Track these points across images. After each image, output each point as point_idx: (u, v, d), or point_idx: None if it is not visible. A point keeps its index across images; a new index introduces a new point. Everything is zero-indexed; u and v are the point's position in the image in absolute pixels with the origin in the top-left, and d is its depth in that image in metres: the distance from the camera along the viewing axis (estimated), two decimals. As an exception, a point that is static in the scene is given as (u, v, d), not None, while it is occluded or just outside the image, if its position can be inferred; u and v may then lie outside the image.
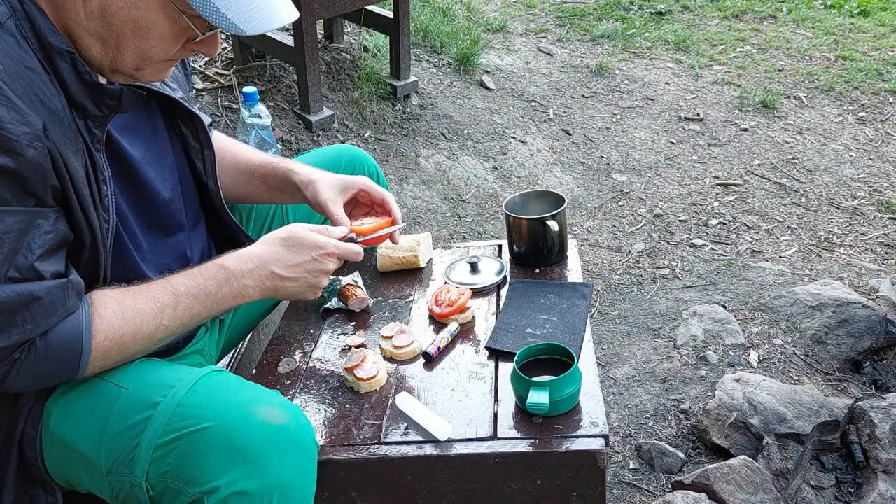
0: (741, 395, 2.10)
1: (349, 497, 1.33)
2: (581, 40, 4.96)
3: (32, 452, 1.25)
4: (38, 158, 1.06)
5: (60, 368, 1.16)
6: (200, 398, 1.17)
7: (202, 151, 1.47)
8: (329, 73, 3.66)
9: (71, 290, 1.15)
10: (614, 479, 2.03)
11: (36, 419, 1.25)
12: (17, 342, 1.09)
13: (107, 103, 1.18)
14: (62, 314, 1.13)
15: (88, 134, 1.17)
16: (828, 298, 2.52)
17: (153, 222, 1.38)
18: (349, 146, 1.90)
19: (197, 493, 1.12)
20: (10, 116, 1.03)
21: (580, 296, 1.67)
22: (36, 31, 1.09)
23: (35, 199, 1.08)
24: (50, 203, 1.11)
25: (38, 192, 1.08)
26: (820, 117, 4.18)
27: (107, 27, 1.12)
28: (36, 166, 1.06)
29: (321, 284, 1.42)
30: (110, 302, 1.20)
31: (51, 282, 1.11)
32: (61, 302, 1.13)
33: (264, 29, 1.16)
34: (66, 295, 1.13)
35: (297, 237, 1.39)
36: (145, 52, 1.15)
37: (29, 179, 1.06)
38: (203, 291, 1.29)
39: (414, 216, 3.24)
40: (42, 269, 1.10)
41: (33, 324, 1.10)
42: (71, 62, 1.12)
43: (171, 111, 1.42)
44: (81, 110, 1.15)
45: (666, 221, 3.36)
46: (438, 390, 1.45)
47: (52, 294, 1.11)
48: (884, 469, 1.95)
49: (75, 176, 1.13)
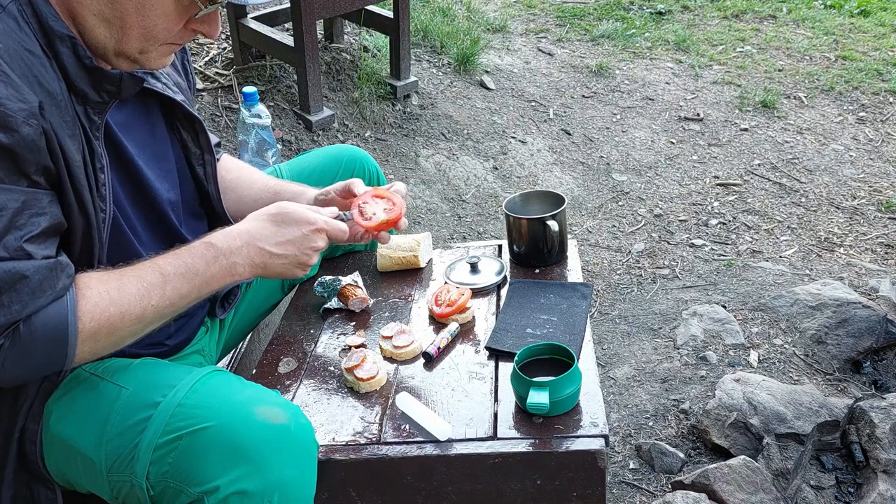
0: (741, 395, 2.10)
1: (349, 497, 1.33)
2: (581, 40, 4.96)
3: (32, 448, 1.25)
4: (32, 136, 1.05)
5: (48, 354, 1.11)
6: (201, 398, 1.17)
7: (202, 156, 1.47)
8: (329, 73, 3.66)
9: (60, 272, 1.11)
10: (614, 479, 2.03)
11: (37, 415, 1.25)
12: (2, 324, 1.06)
13: (106, 89, 1.18)
14: (50, 296, 1.10)
15: (87, 121, 1.17)
16: (828, 298, 2.52)
17: (154, 220, 1.38)
18: (349, 146, 1.90)
19: (197, 492, 1.12)
20: (6, 92, 1.03)
21: (580, 296, 1.67)
22: (37, 14, 1.10)
23: (27, 181, 1.07)
24: (43, 185, 1.09)
25: (30, 172, 1.06)
26: (820, 117, 4.18)
27: (111, 5, 1.12)
28: (30, 144, 1.05)
29: (311, 262, 1.38)
30: (94, 283, 1.16)
31: (40, 261, 1.08)
32: (49, 283, 1.09)
33: None
34: (55, 276, 1.10)
35: (286, 212, 1.35)
36: (149, 31, 1.15)
37: (22, 157, 1.05)
38: (191, 270, 1.25)
39: (414, 216, 3.24)
40: (31, 250, 1.07)
41: (19, 304, 1.07)
42: (71, 47, 1.12)
43: (170, 114, 1.42)
44: (81, 96, 1.15)
45: (666, 221, 3.36)
46: (438, 390, 1.45)
47: (40, 273, 1.08)
48: (884, 469, 1.95)
49: (71, 160, 1.12)
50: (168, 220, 1.40)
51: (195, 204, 1.50)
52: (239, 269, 1.30)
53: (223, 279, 1.29)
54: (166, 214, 1.39)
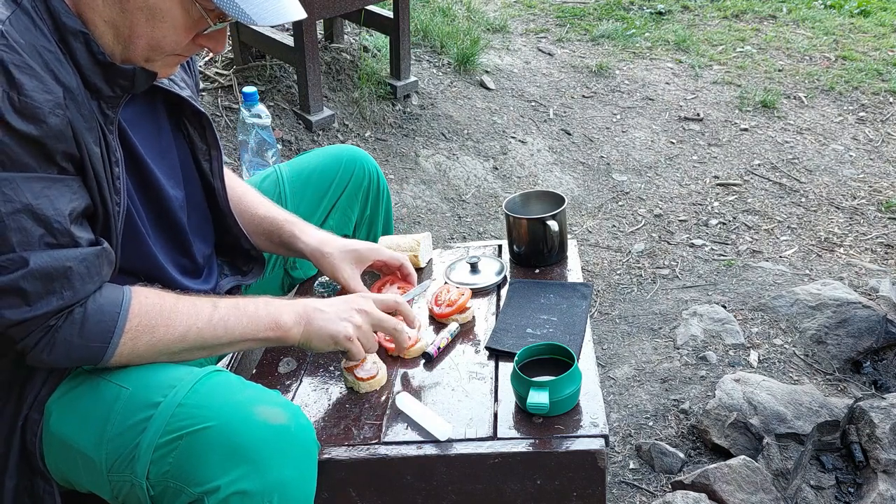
0: (741, 395, 2.10)
1: (349, 497, 1.33)
2: (581, 40, 4.96)
3: (32, 439, 1.26)
4: (60, 126, 1.08)
5: (91, 344, 1.17)
6: (201, 398, 1.17)
7: (209, 152, 1.47)
8: (329, 73, 3.66)
9: (105, 258, 1.18)
10: (614, 479, 2.03)
11: (41, 405, 1.25)
12: (54, 308, 1.11)
13: (119, 83, 1.20)
14: (97, 281, 1.16)
15: (102, 116, 1.19)
16: (828, 298, 2.52)
17: (162, 217, 1.39)
18: (349, 146, 1.90)
19: (197, 492, 1.12)
20: (32, 84, 1.05)
21: (580, 296, 1.67)
22: (51, 11, 1.12)
23: (57, 168, 1.11)
24: (72, 172, 1.13)
25: (59, 160, 1.11)
26: (820, 117, 4.18)
27: (122, 13, 1.14)
28: (58, 134, 1.08)
29: (354, 320, 1.37)
30: (152, 294, 1.24)
31: (86, 249, 1.14)
32: (96, 269, 1.16)
33: (275, 21, 1.19)
34: (100, 262, 1.17)
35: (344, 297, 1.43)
36: (157, 42, 1.17)
37: (51, 147, 1.09)
38: (241, 307, 1.31)
39: (414, 216, 3.24)
40: (77, 234, 1.13)
41: (71, 290, 1.12)
42: (85, 42, 1.14)
43: (177, 111, 1.42)
44: (95, 91, 1.17)
45: (666, 221, 3.36)
46: (438, 390, 1.45)
47: (88, 261, 1.14)
48: (884, 469, 1.95)
49: (91, 152, 1.15)
50: (174, 218, 1.41)
51: (201, 202, 1.51)
52: (285, 318, 1.34)
53: (268, 324, 1.32)
54: (173, 212, 1.40)
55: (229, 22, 1.22)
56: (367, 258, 1.63)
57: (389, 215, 1.96)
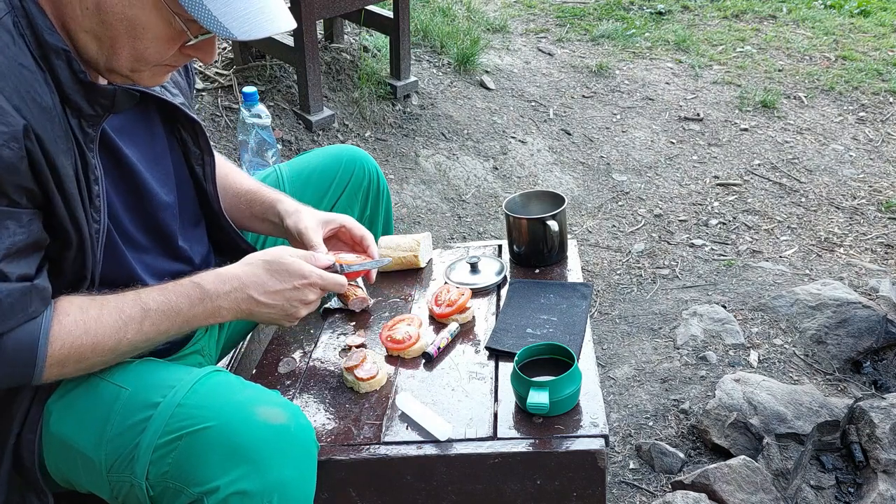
0: (741, 395, 2.10)
1: (349, 497, 1.33)
2: (581, 40, 4.96)
3: (31, 457, 1.25)
4: (12, 159, 1.04)
5: (14, 372, 1.12)
6: (200, 398, 1.17)
7: (202, 157, 1.46)
8: (329, 73, 3.66)
9: (35, 295, 1.12)
10: (614, 479, 2.03)
11: (34, 423, 1.25)
12: None
13: (100, 102, 1.17)
14: (21, 318, 1.10)
15: (81, 133, 1.16)
16: (828, 298, 2.52)
17: (152, 226, 1.38)
18: (349, 146, 1.90)
19: (197, 493, 1.12)
20: None
21: (580, 296, 1.67)
22: (33, 27, 1.09)
23: (6, 199, 1.07)
24: (23, 205, 1.09)
25: (9, 192, 1.06)
26: (820, 117, 4.18)
27: (102, 25, 1.11)
28: (9, 166, 1.04)
29: (299, 314, 1.38)
30: (74, 310, 1.17)
31: (13, 284, 1.08)
32: (21, 306, 1.10)
33: (257, 35, 1.13)
34: (28, 299, 1.10)
35: (281, 262, 1.35)
36: (140, 53, 1.14)
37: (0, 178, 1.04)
38: (174, 309, 1.25)
39: (414, 216, 3.24)
40: (7, 270, 1.08)
41: None
42: (66, 60, 1.11)
43: (170, 116, 1.41)
44: (75, 109, 1.15)
45: (666, 221, 3.36)
46: (438, 390, 1.45)
47: (13, 297, 1.08)
48: (884, 469, 1.95)
49: (63, 175, 1.12)
50: (165, 226, 1.39)
51: (194, 206, 1.50)
52: (223, 313, 1.31)
53: (205, 320, 1.30)
54: (164, 219, 1.39)
55: (209, 35, 1.16)
56: (334, 220, 1.59)
57: (389, 215, 1.96)
